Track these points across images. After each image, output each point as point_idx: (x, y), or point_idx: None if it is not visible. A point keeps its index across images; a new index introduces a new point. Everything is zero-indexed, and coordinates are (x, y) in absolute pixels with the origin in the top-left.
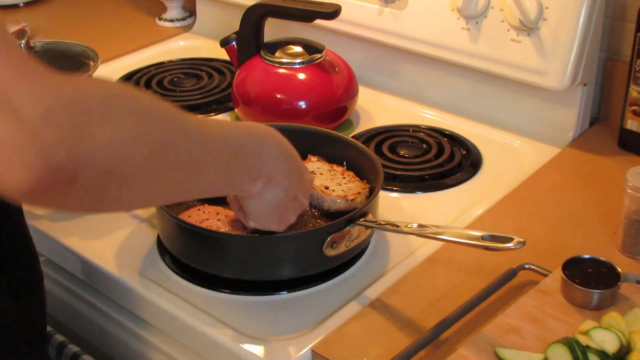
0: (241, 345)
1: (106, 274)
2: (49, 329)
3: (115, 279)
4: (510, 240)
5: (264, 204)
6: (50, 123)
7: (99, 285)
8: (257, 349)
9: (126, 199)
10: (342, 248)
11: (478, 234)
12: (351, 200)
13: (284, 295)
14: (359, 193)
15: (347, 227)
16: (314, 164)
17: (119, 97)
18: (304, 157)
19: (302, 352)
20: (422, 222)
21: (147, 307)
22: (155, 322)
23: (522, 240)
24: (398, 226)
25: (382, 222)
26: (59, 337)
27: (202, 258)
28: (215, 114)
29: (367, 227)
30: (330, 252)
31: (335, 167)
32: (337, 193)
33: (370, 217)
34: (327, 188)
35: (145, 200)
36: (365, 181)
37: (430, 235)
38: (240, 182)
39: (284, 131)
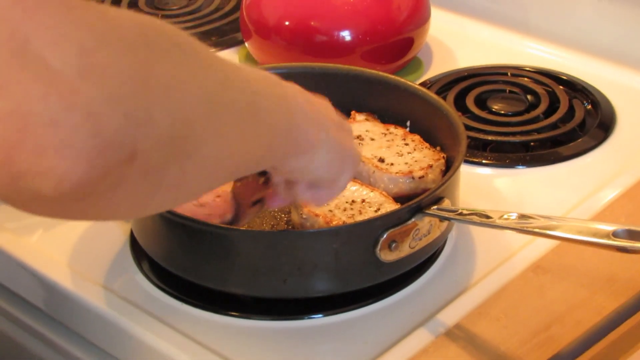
0: None
1: (56, 289)
2: None
3: (69, 297)
4: None
5: (326, 154)
6: (89, 72)
7: (46, 306)
8: None
9: (189, 179)
10: (405, 250)
11: (609, 228)
12: (419, 178)
13: (319, 320)
14: (431, 167)
15: (413, 219)
16: (362, 125)
17: (152, 27)
18: (347, 114)
19: None
20: (524, 211)
21: (117, 339)
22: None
23: None
24: (489, 217)
25: (465, 212)
26: None
27: (197, 265)
28: (216, 50)
29: (442, 219)
30: (387, 257)
31: (393, 128)
32: (398, 168)
33: (446, 203)
34: (382, 161)
35: (208, 178)
36: (439, 148)
37: (536, 230)
38: (305, 128)
39: (316, 76)
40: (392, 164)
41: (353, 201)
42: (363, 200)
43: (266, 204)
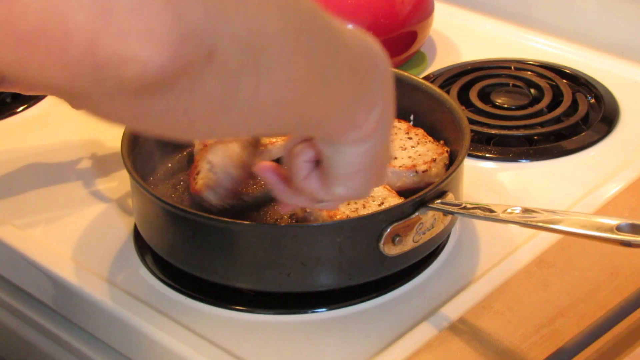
0: None
1: (59, 283)
2: None
3: (72, 290)
4: None
5: (367, 153)
6: None
7: (49, 300)
8: None
9: (260, 102)
10: (409, 244)
11: (612, 222)
12: (423, 172)
13: (323, 314)
14: (434, 161)
15: (417, 213)
16: None
17: None
18: None
19: None
20: (528, 205)
21: (120, 332)
22: (133, 354)
23: None
24: (493, 211)
25: (469, 206)
26: None
27: (201, 259)
28: None
29: (445, 213)
30: (390, 251)
31: (396, 122)
32: (402, 162)
33: (450, 197)
34: None
35: (274, 110)
36: (442, 142)
37: (540, 224)
38: (359, 106)
39: None
40: (395, 158)
41: None
42: None
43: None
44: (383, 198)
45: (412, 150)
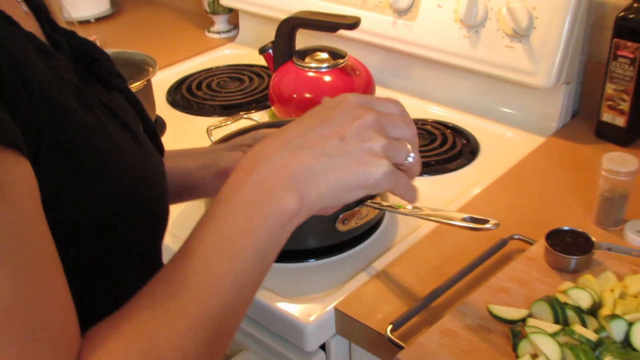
0: (277, 303)
1: None
2: None
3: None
4: (486, 222)
5: (322, 188)
6: None
7: None
8: (291, 307)
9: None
10: (353, 224)
11: (461, 216)
12: None
13: (313, 263)
14: None
15: (357, 207)
16: None
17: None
18: None
19: (327, 309)
20: (426, 202)
21: None
22: None
23: (496, 222)
24: (397, 207)
25: (385, 204)
26: None
27: None
28: (255, 111)
29: (374, 208)
30: (342, 228)
31: None
32: None
33: (377, 199)
34: None
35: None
36: None
37: (422, 216)
38: (275, 218)
39: None
40: None
41: None
42: None
43: None
44: None
45: None
